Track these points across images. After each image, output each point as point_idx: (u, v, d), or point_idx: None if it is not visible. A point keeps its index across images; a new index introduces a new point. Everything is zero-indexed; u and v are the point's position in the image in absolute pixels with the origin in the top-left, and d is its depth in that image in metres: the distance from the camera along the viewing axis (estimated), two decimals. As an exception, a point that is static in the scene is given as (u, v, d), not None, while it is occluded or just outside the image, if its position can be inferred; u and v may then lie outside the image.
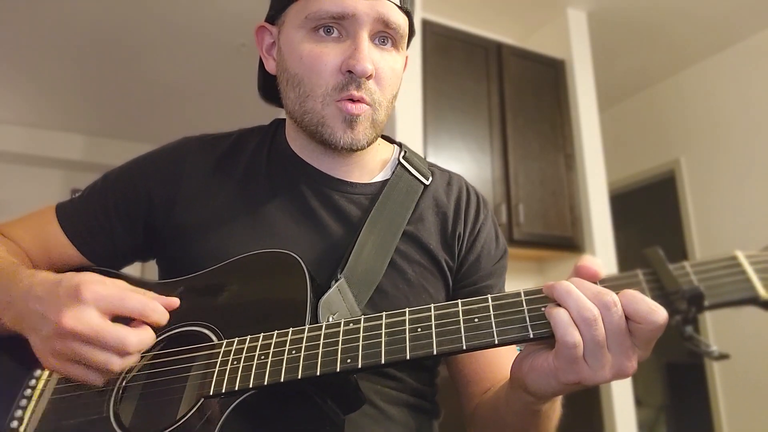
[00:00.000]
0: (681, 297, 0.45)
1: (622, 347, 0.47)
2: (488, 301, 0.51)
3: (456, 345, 0.50)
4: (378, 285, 0.68)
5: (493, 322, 0.50)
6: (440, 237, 0.76)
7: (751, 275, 0.45)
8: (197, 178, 0.76)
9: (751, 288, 0.45)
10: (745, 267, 0.46)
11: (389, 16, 0.68)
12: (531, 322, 0.49)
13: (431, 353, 0.50)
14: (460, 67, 2.78)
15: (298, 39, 0.69)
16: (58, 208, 0.80)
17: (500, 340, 0.49)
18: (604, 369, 0.47)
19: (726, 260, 0.47)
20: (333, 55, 0.67)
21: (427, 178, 0.79)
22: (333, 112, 0.68)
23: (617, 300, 0.46)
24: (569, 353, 0.47)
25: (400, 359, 0.51)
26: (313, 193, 0.75)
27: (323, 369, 0.52)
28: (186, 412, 0.55)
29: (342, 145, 0.69)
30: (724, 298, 0.45)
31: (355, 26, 0.67)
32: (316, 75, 0.68)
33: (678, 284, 0.46)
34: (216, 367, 0.56)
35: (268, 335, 0.57)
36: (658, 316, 0.45)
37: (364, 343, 0.52)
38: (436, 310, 0.53)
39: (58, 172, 4.76)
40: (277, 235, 0.71)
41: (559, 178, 2.92)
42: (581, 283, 0.48)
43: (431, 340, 0.51)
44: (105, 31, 3.29)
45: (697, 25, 3.34)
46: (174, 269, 0.72)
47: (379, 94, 0.70)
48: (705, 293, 0.45)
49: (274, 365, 0.54)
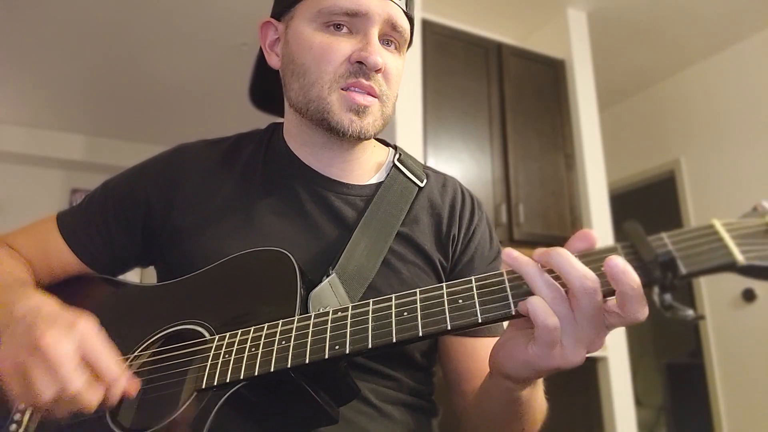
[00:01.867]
0: (656, 264, 0.46)
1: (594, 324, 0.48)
2: (472, 282, 0.52)
3: (441, 326, 0.51)
4: (372, 284, 0.69)
5: (477, 302, 0.51)
6: (435, 238, 0.77)
7: (728, 242, 0.46)
8: (194, 182, 0.77)
9: (728, 254, 0.45)
10: (722, 234, 0.46)
11: (397, 19, 0.71)
12: (513, 300, 0.50)
13: (417, 335, 0.51)
14: (460, 67, 2.78)
15: (309, 31, 0.71)
16: (58, 217, 0.81)
17: (483, 318, 0.50)
18: (578, 348, 0.49)
19: (703, 229, 0.48)
20: (344, 46, 0.69)
21: (421, 180, 0.80)
22: (338, 99, 0.69)
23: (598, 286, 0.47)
24: (549, 337, 0.48)
25: (386, 342, 0.52)
26: (308, 193, 0.75)
27: (312, 357, 0.53)
28: (180, 406, 0.56)
29: (350, 133, 0.70)
30: (702, 265, 0.46)
31: (366, 24, 0.69)
32: (326, 63, 0.69)
33: (654, 253, 0.47)
34: (208, 361, 0.57)
35: (258, 328, 0.58)
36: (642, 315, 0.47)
37: (351, 329, 0.53)
38: (422, 293, 0.54)
39: (58, 172, 4.76)
40: (271, 235, 0.72)
41: (559, 178, 2.92)
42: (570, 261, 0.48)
43: (416, 322, 0.52)
44: (105, 31, 3.29)
45: (697, 25, 3.34)
46: (171, 272, 0.73)
47: (387, 88, 0.72)
48: (679, 258, 0.46)
49: (264, 356, 0.55)
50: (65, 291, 0.78)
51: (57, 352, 0.52)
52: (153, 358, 0.63)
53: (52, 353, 0.52)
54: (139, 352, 0.65)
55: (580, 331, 0.48)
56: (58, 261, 0.78)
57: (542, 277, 0.49)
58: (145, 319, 0.68)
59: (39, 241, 0.79)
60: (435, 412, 0.77)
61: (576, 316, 0.48)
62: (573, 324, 0.48)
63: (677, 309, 0.46)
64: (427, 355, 0.76)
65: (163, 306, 0.69)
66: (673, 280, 0.46)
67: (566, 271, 0.47)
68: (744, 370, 3.21)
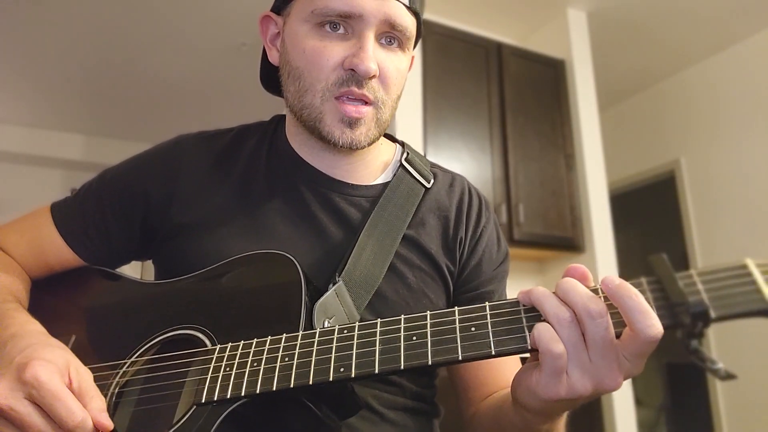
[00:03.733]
0: (686, 311, 0.43)
1: (607, 358, 0.46)
2: (485, 310, 0.50)
3: (452, 355, 0.48)
4: (378, 289, 0.67)
5: (491, 332, 0.48)
6: (441, 241, 0.75)
7: (762, 285, 0.43)
8: (195, 176, 0.75)
9: (761, 299, 0.43)
10: (756, 276, 0.44)
11: (396, 18, 0.67)
12: (529, 333, 0.47)
13: (426, 363, 0.48)
14: (460, 67, 2.78)
15: (302, 33, 0.68)
16: (53, 208, 0.79)
17: (497, 351, 0.47)
18: (584, 380, 0.46)
19: (735, 269, 0.45)
20: (336, 52, 0.66)
21: (428, 181, 0.78)
22: (331, 109, 0.67)
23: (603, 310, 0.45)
24: (554, 364, 0.46)
25: (394, 369, 0.49)
26: (313, 194, 0.73)
27: (316, 378, 0.51)
28: (178, 420, 0.55)
29: (341, 144, 0.68)
30: (734, 309, 0.43)
31: (361, 26, 0.66)
32: (318, 69, 0.66)
33: (684, 297, 0.44)
34: (209, 374, 0.55)
35: (261, 341, 0.56)
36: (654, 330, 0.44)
37: (357, 351, 0.51)
38: (432, 318, 0.51)
39: (57, 172, 4.76)
40: (275, 236, 0.70)
41: (559, 178, 2.92)
42: (575, 287, 0.47)
43: (426, 349, 0.49)
44: (105, 31, 3.29)
45: (697, 25, 3.34)
46: (170, 269, 0.71)
47: (383, 93, 0.69)
48: (711, 307, 0.43)
49: (266, 373, 0.53)
50: (64, 284, 0.77)
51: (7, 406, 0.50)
52: (149, 365, 0.61)
53: (3, 407, 0.50)
54: (135, 357, 0.63)
55: (588, 362, 0.46)
56: (55, 256, 0.76)
57: (551, 299, 0.47)
58: (143, 321, 0.66)
59: (33, 237, 0.77)
60: (437, 413, 0.76)
61: (586, 344, 0.46)
62: (582, 352, 0.46)
63: (705, 358, 0.43)
64: None
65: (163, 307, 0.67)
66: (703, 329, 0.43)
67: (571, 296, 0.46)
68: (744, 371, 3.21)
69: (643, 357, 0.47)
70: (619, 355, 0.46)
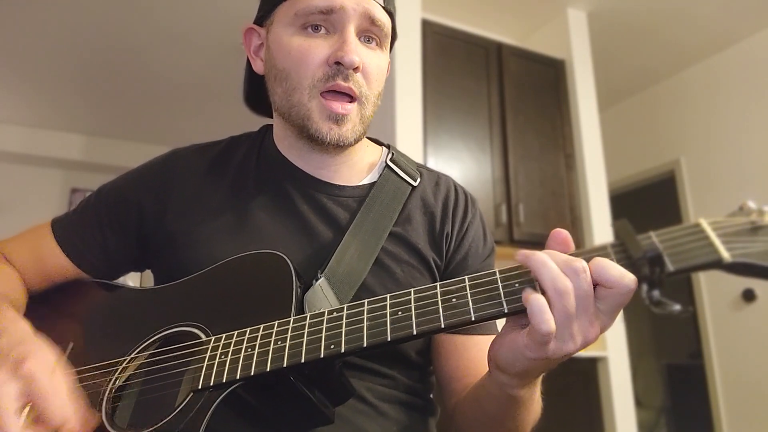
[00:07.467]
0: (644, 260, 0.48)
1: (588, 314, 0.49)
2: (465, 281, 0.53)
3: (435, 324, 0.51)
4: (364, 284, 0.69)
5: (470, 300, 0.51)
6: (428, 236, 0.77)
7: (714, 240, 0.48)
8: (188, 187, 0.78)
9: (714, 252, 0.47)
10: (709, 233, 0.48)
11: (375, 13, 0.71)
12: (506, 298, 0.51)
13: (411, 333, 0.52)
14: (460, 67, 2.78)
15: (287, 36, 0.71)
16: (53, 223, 0.82)
17: (477, 316, 0.51)
18: (572, 340, 0.49)
19: (690, 227, 0.49)
20: (321, 49, 0.70)
21: (414, 179, 0.80)
22: (318, 106, 0.70)
23: (586, 267, 0.48)
24: (543, 339, 0.48)
25: (381, 341, 0.52)
26: (302, 196, 0.76)
27: (308, 356, 0.53)
28: (177, 406, 0.57)
29: (329, 141, 0.71)
30: (690, 262, 0.47)
31: (342, 20, 0.69)
32: (304, 67, 0.70)
33: (642, 249, 0.48)
34: (204, 362, 0.58)
35: (254, 329, 0.58)
36: (628, 279, 0.47)
37: (347, 329, 0.54)
38: (416, 293, 0.54)
39: (58, 172, 4.76)
40: (265, 238, 0.72)
41: (559, 178, 2.92)
42: (553, 253, 0.50)
43: (411, 321, 0.52)
44: (105, 31, 3.29)
45: (697, 25, 3.34)
46: (167, 277, 0.73)
47: (366, 89, 0.72)
48: (665, 254, 0.48)
49: (260, 356, 0.55)
50: (61, 295, 0.80)
51: None
52: (150, 360, 0.64)
53: None
54: (136, 354, 0.65)
55: (576, 323, 0.49)
56: (54, 266, 0.79)
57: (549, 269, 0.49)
58: (141, 322, 0.68)
59: (34, 248, 0.80)
60: (432, 411, 0.77)
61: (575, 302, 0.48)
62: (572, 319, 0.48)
63: (665, 304, 0.47)
64: (423, 353, 0.76)
65: (160, 308, 0.69)
66: (661, 275, 0.47)
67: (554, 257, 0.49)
68: (744, 371, 3.21)
69: (618, 310, 0.50)
70: (596, 309, 0.50)
